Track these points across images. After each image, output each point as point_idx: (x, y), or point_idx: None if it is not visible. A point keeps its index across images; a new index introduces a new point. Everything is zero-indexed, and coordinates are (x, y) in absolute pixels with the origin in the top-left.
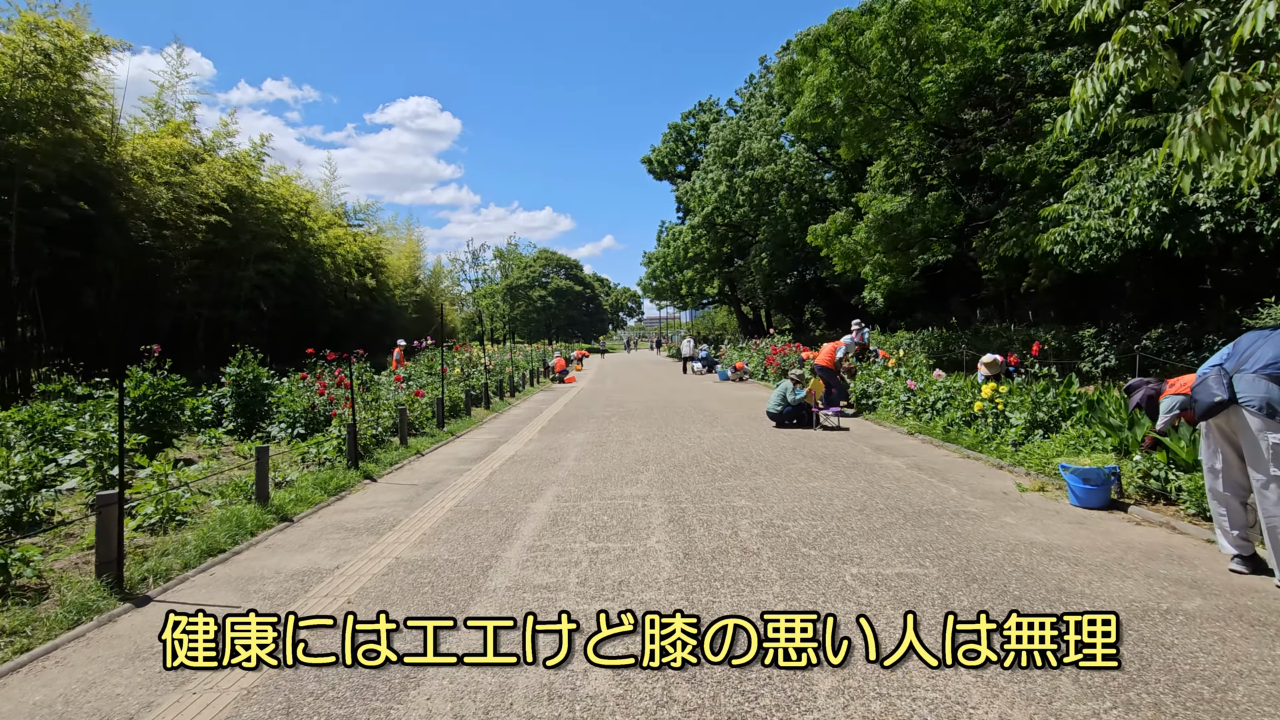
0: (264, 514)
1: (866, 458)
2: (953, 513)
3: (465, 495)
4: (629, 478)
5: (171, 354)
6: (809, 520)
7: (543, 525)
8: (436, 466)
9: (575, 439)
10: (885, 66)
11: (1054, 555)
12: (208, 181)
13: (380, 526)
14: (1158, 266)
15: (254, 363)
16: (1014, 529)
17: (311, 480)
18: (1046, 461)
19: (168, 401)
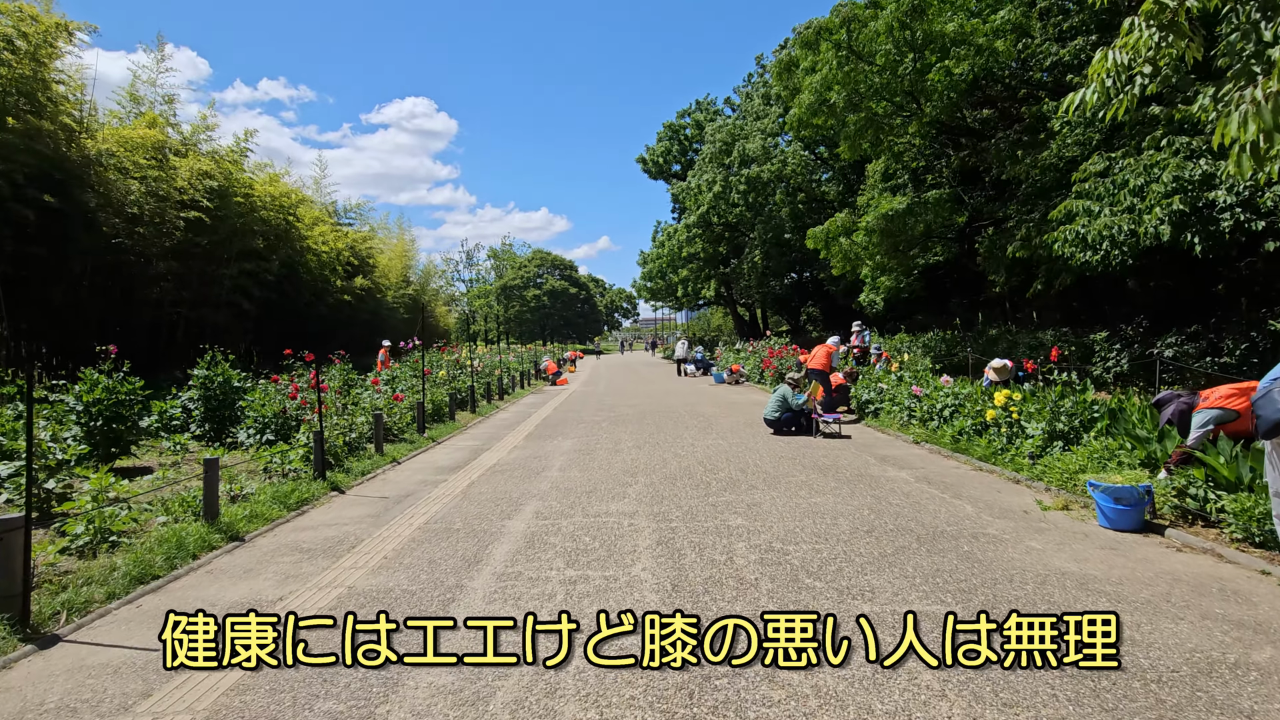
0: (211, 533)
1: (871, 469)
2: (971, 535)
3: (437, 510)
4: (616, 491)
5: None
6: (812, 544)
7: (517, 548)
8: (411, 477)
9: (562, 446)
10: (890, 61)
11: (1091, 589)
12: (184, 174)
13: (339, 548)
14: (1169, 267)
15: (224, 364)
16: (1042, 556)
17: (270, 493)
18: (1069, 477)
19: (125, 406)
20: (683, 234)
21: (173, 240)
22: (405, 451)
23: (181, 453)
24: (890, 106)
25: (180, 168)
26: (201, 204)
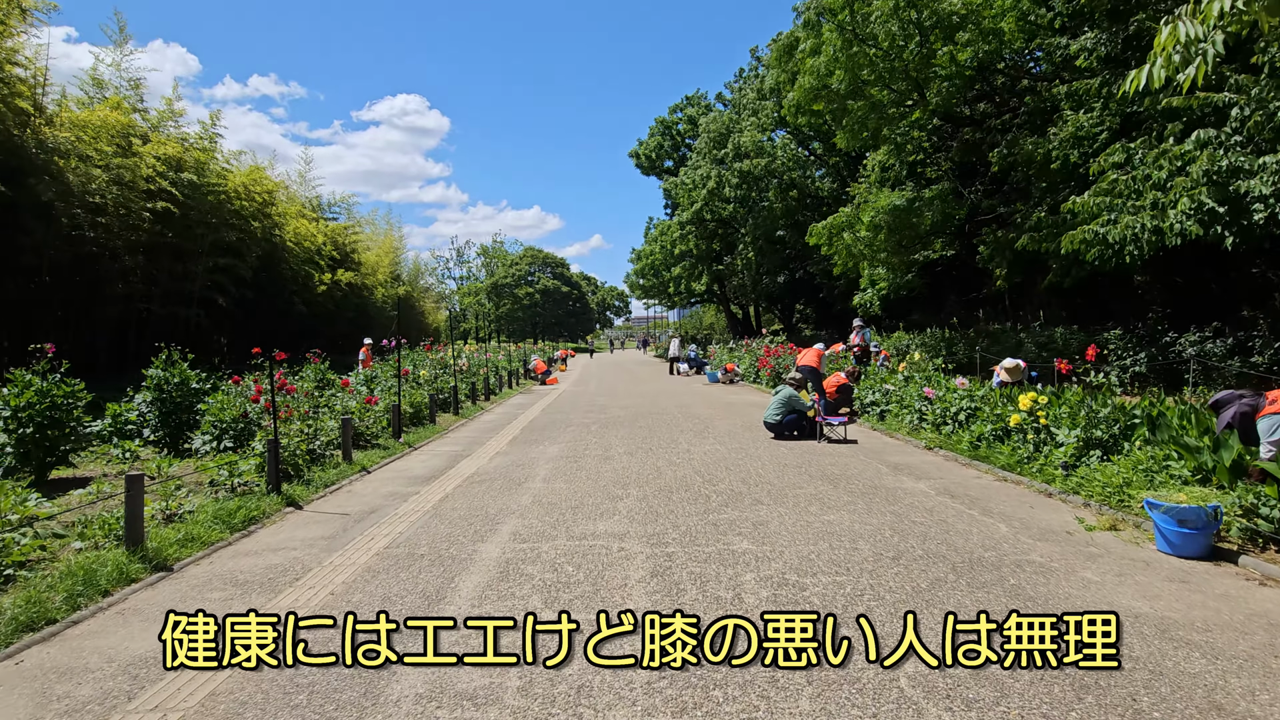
0: (132, 562)
1: (885, 479)
2: (1014, 563)
3: (402, 531)
4: (605, 507)
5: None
6: (832, 575)
7: (488, 581)
8: (380, 488)
9: (548, 452)
10: (894, 44)
11: (1174, 638)
12: (149, 160)
13: (280, 580)
14: (1182, 261)
15: (182, 364)
16: (1102, 590)
17: (212, 512)
18: (1114, 491)
19: (63, 410)
20: (675, 230)
21: (140, 233)
22: (378, 459)
23: (130, 461)
24: (892, 94)
25: (144, 154)
26: (170, 193)
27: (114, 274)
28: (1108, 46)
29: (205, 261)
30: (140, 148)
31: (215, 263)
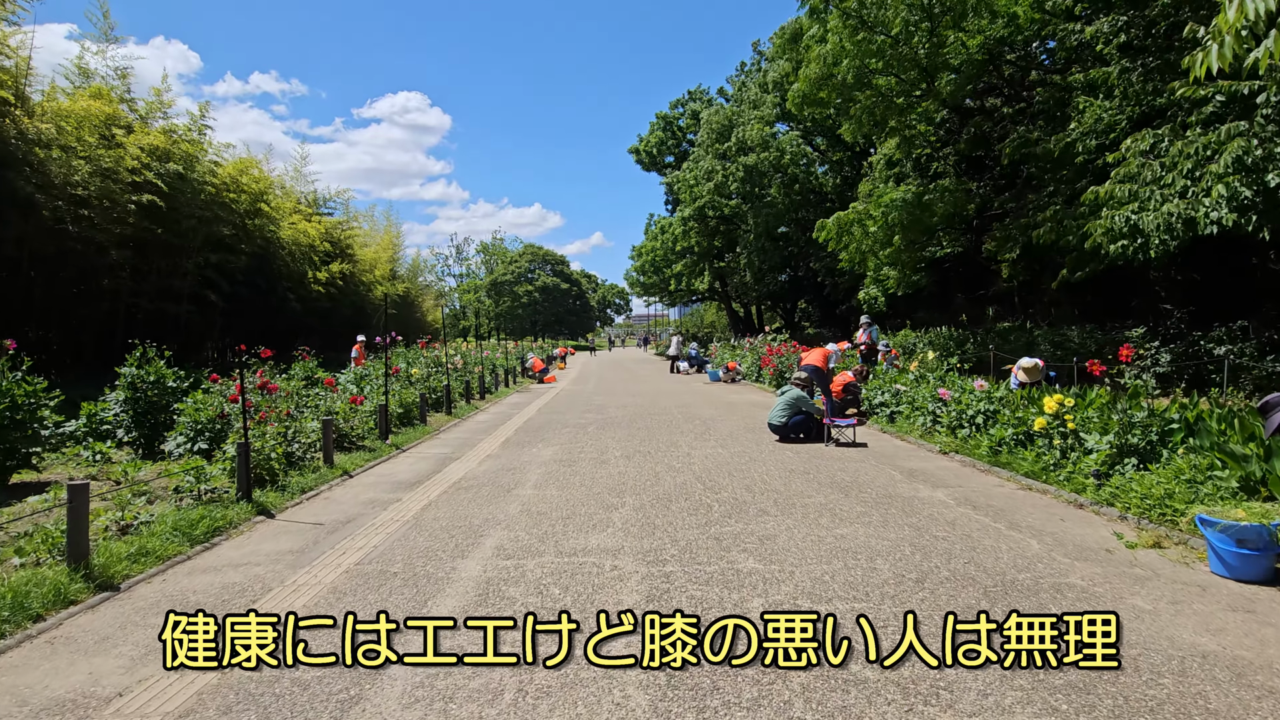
0: (72, 582)
1: (900, 488)
2: (1052, 587)
3: (378, 544)
4: (598, 517)
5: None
6: (849, 601)
7: (466, 604)
8: (360, 495)
9: (541, 455)
10: (904, 30)
11: (1249, 684)
12: (133, 150)
13: (236, 602)
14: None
15: (158, 362)
16: (1157, 623)
17: (173, 522)
18: (1155, 504)
19: (24, 410)
20: (677, 226)
21: (126, 227)
22: (362, 462)
23: (101, 464)
24: (901, 83)
25: (128, 144)
26: (155, 186)
27: (101, 269)
28: (1127, 33)
29: (196, 257)
30: (124, 138)
31: (207, 258)
